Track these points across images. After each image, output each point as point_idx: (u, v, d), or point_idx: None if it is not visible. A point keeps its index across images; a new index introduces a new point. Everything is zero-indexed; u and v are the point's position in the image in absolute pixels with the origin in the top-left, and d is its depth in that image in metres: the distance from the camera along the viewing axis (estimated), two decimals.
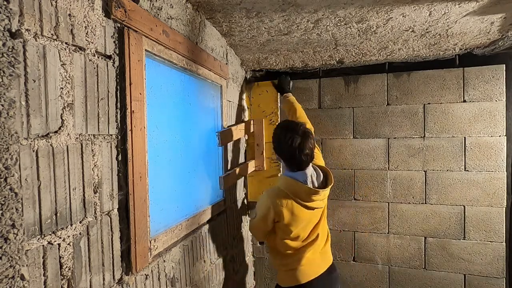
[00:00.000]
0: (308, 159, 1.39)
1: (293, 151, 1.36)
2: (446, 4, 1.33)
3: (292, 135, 1.36)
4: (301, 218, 1.41)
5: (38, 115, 0.66)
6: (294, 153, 1.36)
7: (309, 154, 1.38)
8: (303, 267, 1.45)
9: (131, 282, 0.95)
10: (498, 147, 1.91)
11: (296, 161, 1.38)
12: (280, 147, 1.41)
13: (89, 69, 0.80)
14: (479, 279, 1.95)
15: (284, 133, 1.39)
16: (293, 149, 1.35)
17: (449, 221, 1.99)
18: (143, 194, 1.00)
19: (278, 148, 1.44)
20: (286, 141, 1.37)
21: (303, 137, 1.36)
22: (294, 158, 1.37)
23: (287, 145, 1.36)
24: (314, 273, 1.46)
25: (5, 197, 0.56)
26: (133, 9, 0.95)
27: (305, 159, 1.37)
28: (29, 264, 0.63)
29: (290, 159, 1.39)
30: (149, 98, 1.08)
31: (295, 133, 1.37)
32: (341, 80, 2.18)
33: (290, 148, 1.36)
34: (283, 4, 1.33)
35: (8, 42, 0.58)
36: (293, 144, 1.35)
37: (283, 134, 1.39)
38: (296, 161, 1.38)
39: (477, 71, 1.93)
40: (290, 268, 1.48)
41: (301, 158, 1.36)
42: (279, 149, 1.43)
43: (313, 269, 1.47)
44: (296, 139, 1.35)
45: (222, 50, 1.77)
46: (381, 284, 2.12)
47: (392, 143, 2.09)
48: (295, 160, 1.38)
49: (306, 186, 1.37)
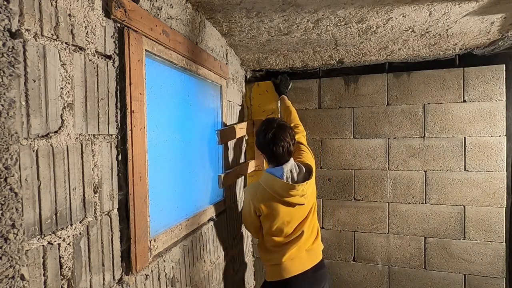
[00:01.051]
0: (284, 151, 1.40)
1: (268, 142, 1.40)
2: (446, 4, 1.33)
3: (267, 128, 1.43)
4: (280, 213, 1.43)
5: (38, 115, 0.66)
6: (269, 145, 1.40)
7: (285, 146, 1.40)
8: (286, 263, 1.47)
9: (131, 282, 0.95)
10: (498, 147, 1.91)
11: (274, 154, 1.41)
12: (258, 140, 1.47)
13: (89, 69, 0.80)
14: (479, 279, 1.95)
15: (261, 127, 1.47)
16: (268, 140, 1.40)
17: (449, 221, 1.99)
18: (143, 194, 1.00)
19: (257, 142, 1.50)
20: (262, 133, 1.43)
21: (277, 129, 1.41)
22: (271, 151, 1.41)
23: (262, 136, 1.42)
24: (298, 269, 1.47)
25: (5, 197, 0.56)
26: (133, 9, 0.95)
27: (281, 152, 1.40)
28: (29, 264, 0.63)
29: (268, 151, 1.43)
30: (149, 98, 1.08)
31: (271, 125, 1.43)
32: (341, 80, 2.18)
33: (265, 139, 1.41)
34: (283, 4, 1.33)
35: (8, 42, 0.58)
36: (267, 136, 1.40)
37: (261, 128, 1.46)
38: (274, 154, 1.41)
39: (477, 71, 1.93)
40: (274, 263, 1.50)
41: (277, 150, 1.39)
42: (258, 143, 1.48)
43: (297, 265, 1.48)
44: (270, 131, 1.41)
45: (222, 50, 1.77)
46: (381, 284, 2.12)
47: (392, 143, 2.09)
48: (272, 152, 1.41)
49: (281, 181, 1.39)
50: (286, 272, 1.47)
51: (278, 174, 1.42)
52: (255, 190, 1.48)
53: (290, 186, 1.39)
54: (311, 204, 1.53)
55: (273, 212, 1.44)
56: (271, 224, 1.47)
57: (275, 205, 1.43)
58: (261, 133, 1.44)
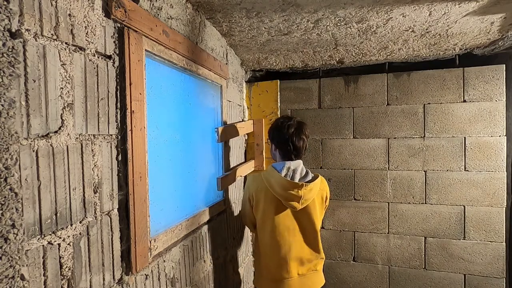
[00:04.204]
0: (302, 145, 1.42)
1: (290, 135, 1.40)
2: (446, 4, 1.33)
3: (289, 121, 1.44)
4: (265, 205, 1.42)
5: (38, 115, 0.66)
6: (292, 137, 1.40)
7: (305, 141, 1.42)
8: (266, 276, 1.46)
9: (131, 282, 0.95)
10: (498, 147, 1.91)
11: (291, 147, 1.41)
12: (278, 133, 1.45)
13: (89, 69, 0.80)
14: (479, 279, 1.95)
15: (281, 121, 1.46)
16: (290, 133, 1.40)
17: (449, 221, 2.00)
18: (143, 194, 1.00)
19: (275, 135, 1.47)
20: (283, 126, 1.43)
21: (300, 123, 1.44)
22: (292, 144, 1.41)
23: (285, 129, 1.42)
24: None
25: (5, 197, 0.56)
26: (133, 9, 0.95)
27: (300, 146, 1.41)
28: (29, 264, 0.63)
29: (285, 145, 1.42)
30: (149, 98, 1.08)
31: (291, 120, 1.45)
32: (341, 80, 2.18)
33: (288, 132, 1.41)
34: (283, 4, 1.33)
35: (8, 42, 0.58)
36: (289, 129, 1.41)
37: (281, 122, 1.46)
38: (291, 148, 1.41)
39: (477, 71, 1.93)
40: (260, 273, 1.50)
41: (298, 143, 1.40)
42: (276, 136, 1.46)
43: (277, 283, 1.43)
44: (293, 125, 1.42)
45: (222, 50, 1.77)
46: (381, 284, 2.12)
47: (392, 143, 2.09)
48: (291, 146, 1.41)
49: (278, 175, 1.38)
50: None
51: (278, 168, 1.41)
52: (254, 179, 1.50)
53: (286, 183, 1.35)
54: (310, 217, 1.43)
55: (261, 202, 1.43)
56: (257, 215, 1.47)
57: (265, 200, 1.42)
58: (282, 126, 1.43)
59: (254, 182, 1.49)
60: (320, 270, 1.51)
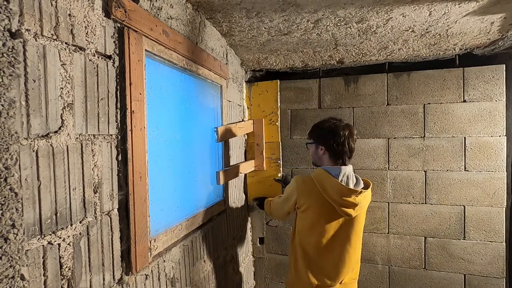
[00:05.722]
0: (351, 152, 1.39)
1: (346, 137, 1.36)
2: (446, 4, 1.33)
3: (342, 124, 1.40)
4: (318, 214, 1.34)
5: (38, 115, 0.66)
6: (347, 139, 1.36)
7: (354, 147, 1.39)
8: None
9: (131, 282, 0.95)
10: (498, 147, 1.91)
11: (345, 150, 1.37)
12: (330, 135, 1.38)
13: (89, 69, 0.80)
14: (479, 279, 1.95)
15: (333, 122, 1.41)
16: (345, 135, 1.36)
17: (449, 221, 1.99)
18: (143, 194, 1.00)
19: (325, 136, 1.40)
20: (337, 129, 1.37)
21: (351, 127, 1.41)
22: (347, 146, 1.36)
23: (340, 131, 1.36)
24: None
25: (5, 197, 0.56)
26: (133, 9, 0.95)
27: (353, 148, 1.38)
28: (29, 264, 0.63)
29: (339, 147, 1.36)
30: (149, 98, 1.08)
31: (342, 122, 1.41)
32: (341, 80, 2.18)
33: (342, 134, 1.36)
34: (283, 4, 1.33)
35: (8, 42, 0.58)
36: (343, 131, 1.36)
37: (332, 122, 1.41)
38: (344, 150, 1.37)
39: (477, 71, 1.93)
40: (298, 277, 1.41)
41: (353, 145, 1.38)
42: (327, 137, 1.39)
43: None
44: (347, 127, 1.39)
45: (222, 50, 1.77)
46: (381, 284, 2.12)
47: (392, 143, 2.09)
48: (341, 148, 1.36)
49: (335, 181, 1.31)
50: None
51: (334, 173, 1.34)
52: (304, 181, 1.41)
53: (344, 190, 1.29)
54: (359, 225, 1.40)
55: (312, 211, 1.35)
56: (304, 224, 1.38)
57: (317, 205, 1.34)
58: (336, 128, 1.37)
59: (304, 185, 1.39)
60: (357, 279, 1.48)
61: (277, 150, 2.21)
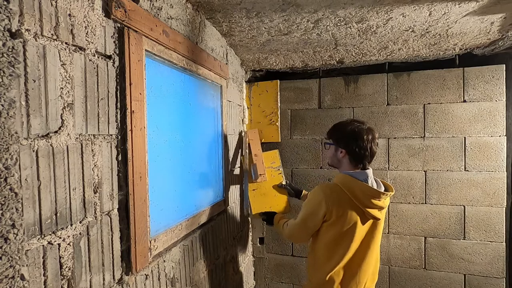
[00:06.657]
0: (373, 156, 1.35)
1: (369, 141, 1.31)
2: (446, 4, 1.33)
3: (364, 127, 1.34)
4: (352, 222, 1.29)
5: (38, 115, 0.66)
6: (370, 143, 1.31)
7: (374, 151, 1.34)
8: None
9: (131, 282, 0.95)
10: (498, 147, 1.91)
11: (369, 154, 1.32)
12: (353, 139, 1.33)
13: (89, 69, 0.80)
14: (479, 279, 1.95)
15: (357, 125, 1.35)
16: (369, 139, 1.31)
17: (449, 221, 2.00)
18: (143, 194, 1.00)
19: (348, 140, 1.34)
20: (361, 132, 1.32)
21: (373, 130, 1.35)
22: (370, 150, 1.32)
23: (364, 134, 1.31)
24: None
25: (5, 197, 0.56)
26: (133, 9, 0.95)
27: (375, 152, 1.34)
28: (29, 264, 0.63)
29: (360, 150, 1.31)
30: (149, 98, 1.08)
31: (364, 125, 1.35)
32: (341, 80, 2.18)
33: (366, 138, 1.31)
34: (283, 4, 1.33)
35: (8, 42, 0.58)
36: (368, 135, 1.31)
37: (356, 125, 1.35)
38: (368, 154, 1.32)
39: (477, 71, 1.93)
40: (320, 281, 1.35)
41: (375, 149, 1.33)
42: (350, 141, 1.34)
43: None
44: (370, 130, 1.34)
45: (222, 50, 1.77)
46: (381, 284, 2.12)
47: (392, 143, 2.09)
48: (364, 152, 1.31)
49: (366, 185, 1.28)
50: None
51: (362, 178, 1.30)
52: (331, 190, 1.32)
53: (375, 193, 1.26)
54: (381, 227, 1.36)
55: (344, 219, 1.28)
56: (335, 233, 1.31)
57: (350, 212, 1.28)
58: (360, 132, 1.31)
59: (334, 194, 1.31)
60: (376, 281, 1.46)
61: (276, 158, 2.02)
